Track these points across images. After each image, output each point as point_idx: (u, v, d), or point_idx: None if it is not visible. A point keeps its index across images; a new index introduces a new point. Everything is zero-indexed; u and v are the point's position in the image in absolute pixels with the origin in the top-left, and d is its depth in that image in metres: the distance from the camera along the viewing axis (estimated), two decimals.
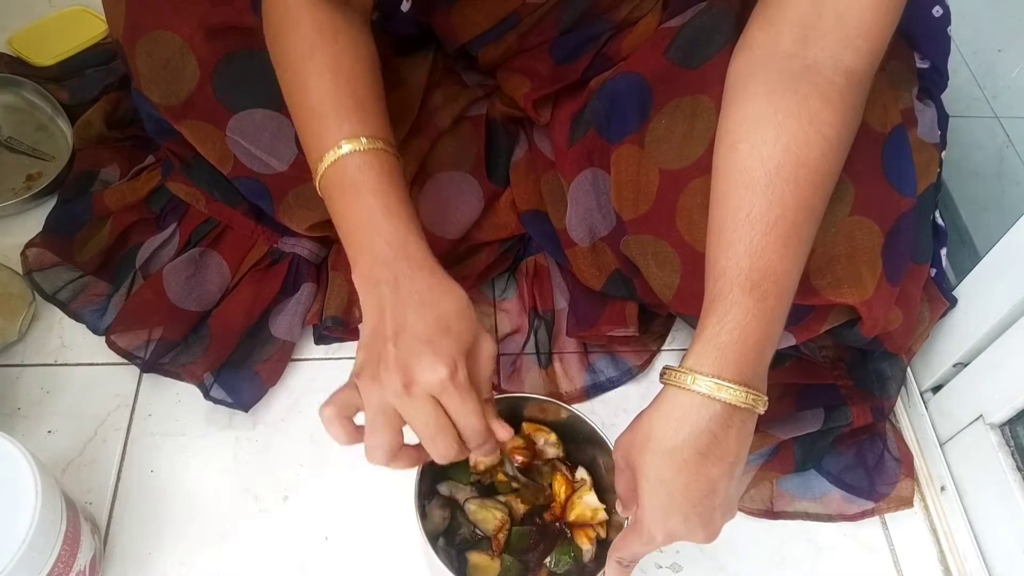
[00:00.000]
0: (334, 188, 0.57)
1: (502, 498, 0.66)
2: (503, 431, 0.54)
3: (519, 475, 0.67)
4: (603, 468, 0.66)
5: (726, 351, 0.51)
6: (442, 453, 0.52)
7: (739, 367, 0.51)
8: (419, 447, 0.53)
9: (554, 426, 0.68)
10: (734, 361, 0.51)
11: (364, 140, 0.57)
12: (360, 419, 0.54)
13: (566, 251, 0.80)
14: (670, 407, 0.52)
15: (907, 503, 0.77)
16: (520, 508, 0.66)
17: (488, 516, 0.65)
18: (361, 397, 0.52)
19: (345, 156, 0.56)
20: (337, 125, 0.57)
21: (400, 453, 0.53)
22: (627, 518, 0.58)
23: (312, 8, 0.60)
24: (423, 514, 0.61)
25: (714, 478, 0.52)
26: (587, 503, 0.66)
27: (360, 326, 0.55)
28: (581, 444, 0.68)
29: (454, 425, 0.52)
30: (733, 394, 0.51)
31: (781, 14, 0.57)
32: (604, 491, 0.66)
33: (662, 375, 0.54)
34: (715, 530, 0.54)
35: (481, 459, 0.53)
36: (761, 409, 0.52)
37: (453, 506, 0.66)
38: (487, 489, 0.67)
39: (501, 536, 0.65)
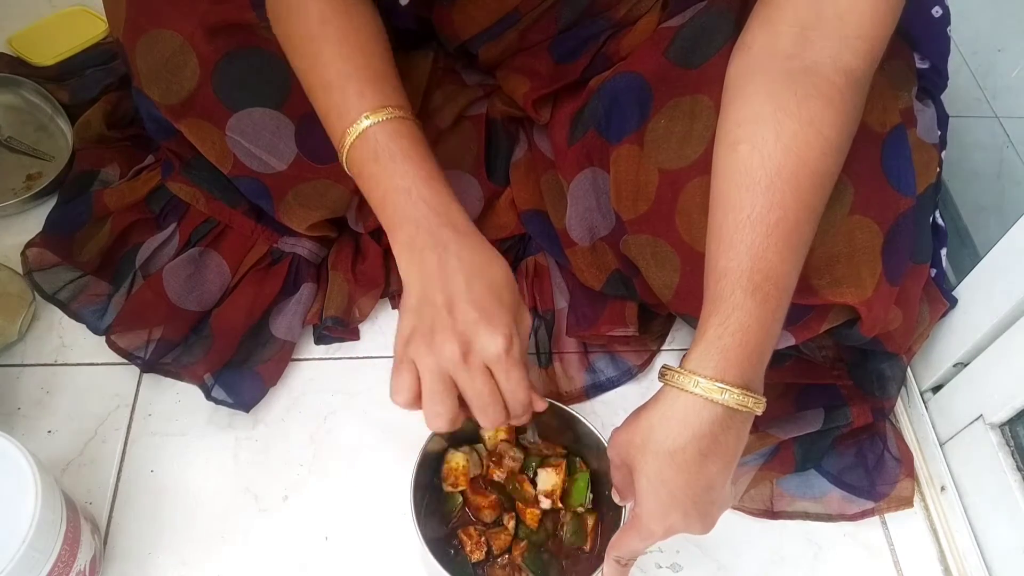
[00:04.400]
0: (365, 158, 0.57)
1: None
2: (541, 403, 0.56)
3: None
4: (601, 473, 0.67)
5: (727, 354, 0.51)
6: (491, 422, 0.54)
7: (740, 370, 0.51)
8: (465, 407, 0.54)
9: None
10: (735, 364, 0.51)
11: (390, 109, 0.57)
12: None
13: (566, 251, 0.80)
14: (671, 409, 0.52)
15: (907, 503, 0.77)
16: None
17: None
18: (417, 368, 0.53)
19: (374, 126, 0.56)
20: (359, 96, 0.57)
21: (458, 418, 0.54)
22: (625, 507, 0.59)
23: None
24: (419, 513, 0.61)
25: (712, 475, 0.52)
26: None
27: (403, 294, 0.55)
28: (580, 447, 0.68)
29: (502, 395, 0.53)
30: (734, 398, 0.51)
31: (780, 14, 0.57)
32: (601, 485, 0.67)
33: (661, 375, 0.54)
34: (712, 522, 0.55)
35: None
36: (759, 411, 0.52)
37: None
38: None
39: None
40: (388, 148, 0.56)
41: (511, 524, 0.67)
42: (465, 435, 0.68)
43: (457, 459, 0.66)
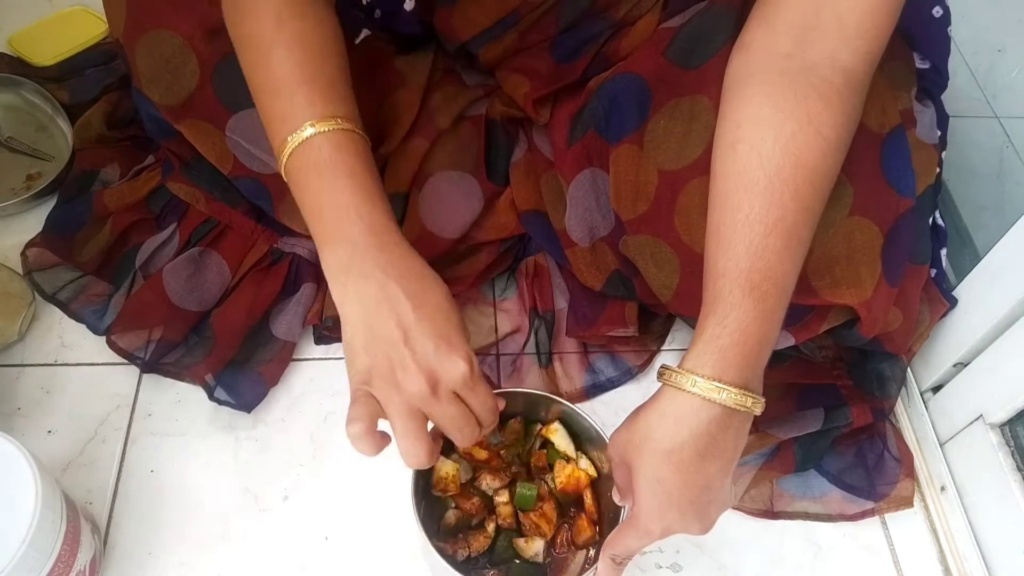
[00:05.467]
0: (304, 169, 0.55)
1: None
2: (501, 401, 0.56)
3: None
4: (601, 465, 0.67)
5: (726, 353, 0.51)
6: (467, 440, 0.54)
7: (739, 369, 0.51)
8: (434, 436, 0.54)
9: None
10: (734, 364, 0.51)
11: (338, 120, 0.55)
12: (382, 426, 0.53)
13: (566, 251, 0.80)
14: (668, 408, 0.52)
15: (907, 503, 0.77)
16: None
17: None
18: (379, 404, 0.51)
19: (317, 136, 0.54)
20: (308, 103, 0.55)
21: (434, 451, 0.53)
22: (624, 506, 0.59)
23: None
24: (420, 512, 0.61)
25: (711, 475, 0.52)
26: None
27: (344, 326, 0.52)
28: (581, 443, 0.68)
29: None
30: (732, 397, 0.51)
31: (779, 15, 0.57)
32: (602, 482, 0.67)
33: (660, 375, 0.54)
34: (710, 522, 0.55)
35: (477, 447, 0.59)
36: (758, 411, 0.52)
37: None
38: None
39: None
40: (331, 160, 0.54)
41: (491, 527, 0.66)
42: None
43: (447, 468, 0.66)
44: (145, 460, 0.75)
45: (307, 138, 0.55)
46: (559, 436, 0.68)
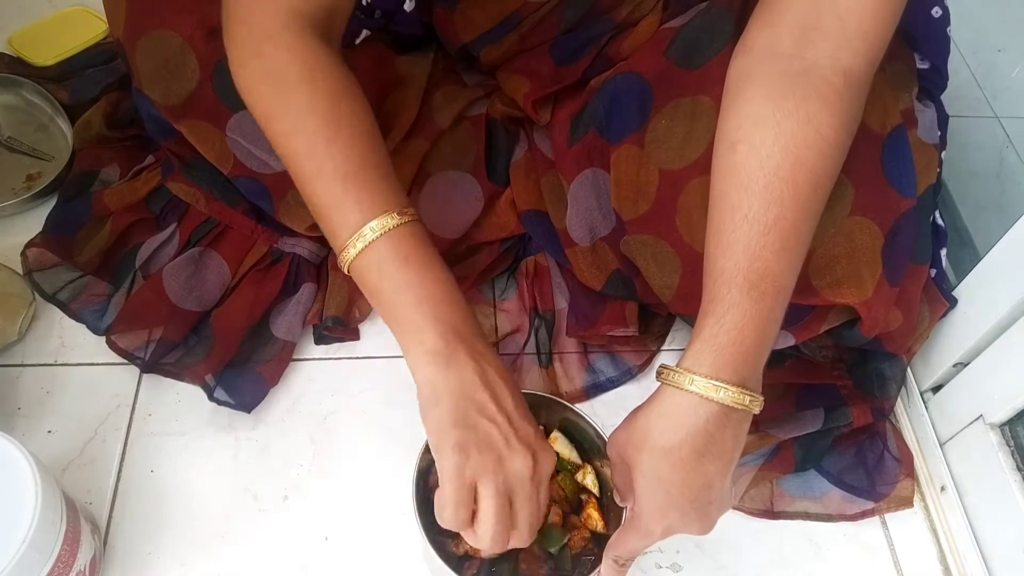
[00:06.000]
0: (381, 265, 0.54)
1: None
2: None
3: None
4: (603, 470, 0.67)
5: (723, 352, 0.51)
6: (524, 542, 0.52)
7: (736, 368, 0.51)
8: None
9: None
10: (731, 362, 0.51)
11: (396, 216, 0.54)
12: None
13: (566, 251, 0.80)
14: (667, 407, 0.52)
15: (907, 503, 0.77)
16: None
17: None
18: (476, 483, 0.50)
19: (385, 236, 0.53)
20: (368, 200, 0.54)
21: None
22: (626, 507, 0.59)
23: (303, 49, 0.57)
24: (422, 512, 0.61)
25: (710, 475, 0.52)
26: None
27: (436, 402, 0.51)
28: (584, 450, 0.68)
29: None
30: (730, 395, 0.51)
31: (780, 15, 0.57)
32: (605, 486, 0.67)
33: (659, 374, 0.54)
34: (711, 523, 0.55)
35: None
36: (757, 409, 0.52)
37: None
38: None
39: None
40: (406, 256, 0.54)
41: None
42: None
43: None
44: (145, 460, 0.75)
45: (374, 239, 0.53)
46: (561, 444, 0.67)
